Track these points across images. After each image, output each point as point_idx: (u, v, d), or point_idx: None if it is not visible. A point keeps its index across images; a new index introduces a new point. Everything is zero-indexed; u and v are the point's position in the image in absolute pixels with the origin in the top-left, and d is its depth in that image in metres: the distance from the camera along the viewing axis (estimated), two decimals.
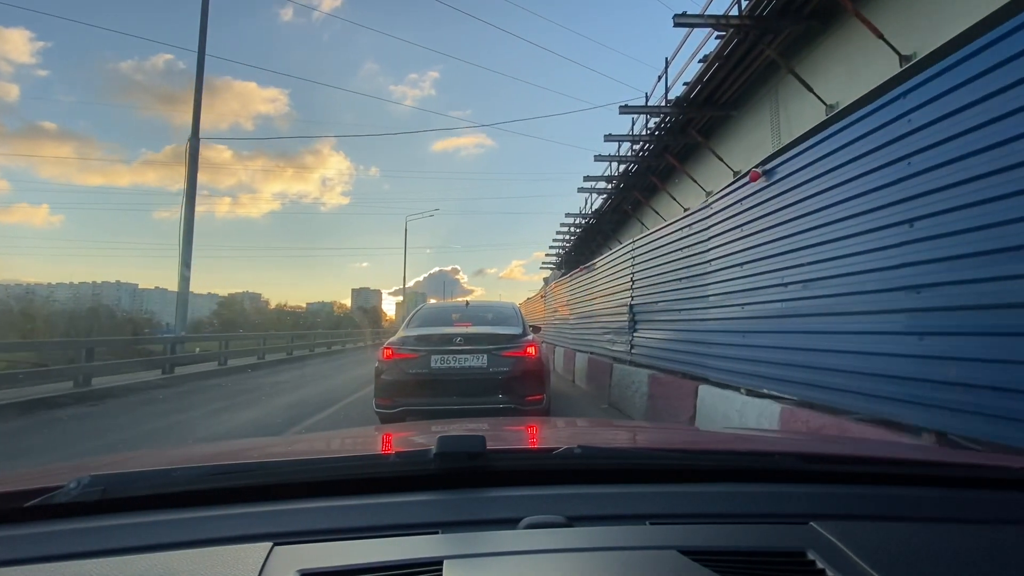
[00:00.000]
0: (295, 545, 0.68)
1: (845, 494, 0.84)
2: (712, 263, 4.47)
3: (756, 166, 3.86)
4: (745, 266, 3.91)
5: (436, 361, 4.88)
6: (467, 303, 6.67)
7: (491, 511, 0.76)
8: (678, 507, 0.78)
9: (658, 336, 5.78)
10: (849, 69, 8.01)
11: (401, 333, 5.34)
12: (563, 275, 15.33)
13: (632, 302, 6.61)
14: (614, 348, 7.27)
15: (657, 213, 16.02)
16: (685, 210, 6.17)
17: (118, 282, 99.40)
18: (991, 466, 0.96)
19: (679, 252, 5.24)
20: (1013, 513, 0.80)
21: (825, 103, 8.52)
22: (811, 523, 0.72)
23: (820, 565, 0.63)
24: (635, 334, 6.46)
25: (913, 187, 2.42)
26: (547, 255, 32.21)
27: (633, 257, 6.76)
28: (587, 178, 18.16)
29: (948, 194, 2.24)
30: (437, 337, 5.06)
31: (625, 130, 15.47)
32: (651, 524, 0.73)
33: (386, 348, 5.09)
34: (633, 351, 6.47)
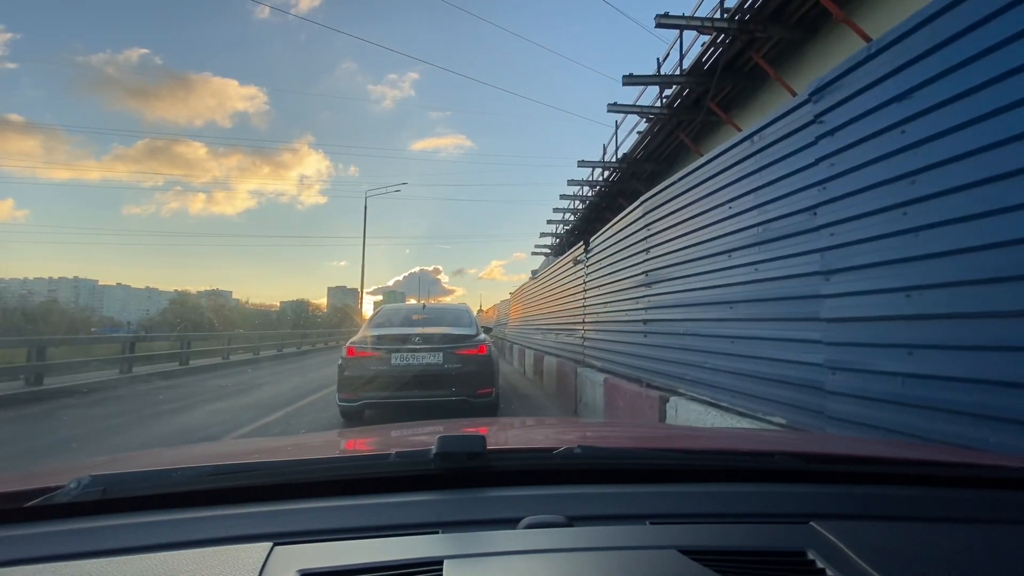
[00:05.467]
0: (295, 545, 0.67)
1: (845, 494, 0.83)
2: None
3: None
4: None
5: (396, 359, 5.40)
6: (424, 305, 7.08)
7: (491, 511, 0.76)
8: (678, 507, 0.78)
9: None
10: None
11: (363, 333, 5.82)
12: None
13: None
14: None
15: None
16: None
17: (76, 278, 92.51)
18: (991, 466, 0.95)
19: None
20: (1012, 513, 0.79)
21: None
22: (811, 523, 0.72)
23: (820, 565, 0.63)
24: None
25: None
26: (542, 234, 25.00)
27: None
28: (629, 78, 10.16)
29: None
30: (397, 337, 5.55)
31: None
32: (651, 524, 0.72)
33: (349, 347, 5.62)
34: None
